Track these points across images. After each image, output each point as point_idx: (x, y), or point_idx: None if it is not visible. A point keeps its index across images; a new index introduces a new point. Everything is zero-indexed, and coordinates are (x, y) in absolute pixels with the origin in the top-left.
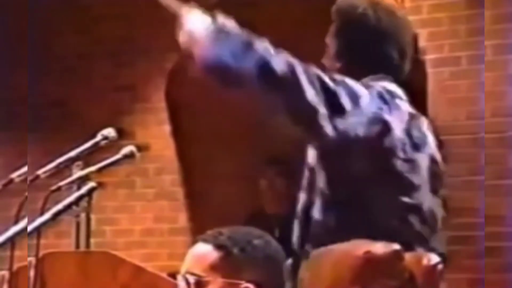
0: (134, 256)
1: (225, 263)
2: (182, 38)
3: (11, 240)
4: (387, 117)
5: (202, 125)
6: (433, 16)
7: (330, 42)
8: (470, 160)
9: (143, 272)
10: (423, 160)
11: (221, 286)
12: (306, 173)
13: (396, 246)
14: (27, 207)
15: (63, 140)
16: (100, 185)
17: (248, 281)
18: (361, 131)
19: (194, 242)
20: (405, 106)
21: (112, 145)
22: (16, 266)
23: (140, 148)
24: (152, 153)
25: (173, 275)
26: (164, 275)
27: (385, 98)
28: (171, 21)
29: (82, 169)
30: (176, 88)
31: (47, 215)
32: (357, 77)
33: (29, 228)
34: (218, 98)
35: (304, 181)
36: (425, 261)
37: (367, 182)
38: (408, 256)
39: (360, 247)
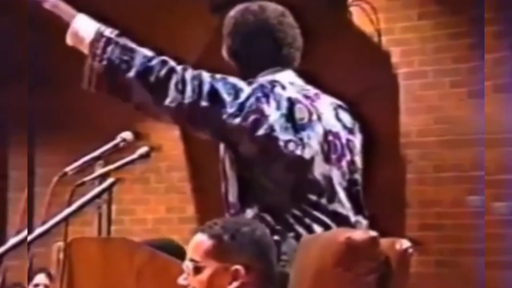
0: None
1: (218, 250)
2: (68, 36)
3: (66, 219)
4: (264, 106)
5: None
6: (404, 37)
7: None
8: (438, 159)
9: (157, 256)
10: (313, 137)
11: (215, 269)
12: (220, 164)
13: (373, 233)
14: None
15: (89, 142)
16: (119, 180)
17: (238, 264)
18: (237, 120)
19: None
20: (288, 93)
21: (129, 146)
22: (69, 238)
23: (153, 149)
24: (164, 153)
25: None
26: (174, 259)
27: (265, 90)
28: (178, 37)
29: (104, 167)
30: None
31: (73, 206)
32: (249, 74)
33: (59, 218)
34: None
35: (220, 171)
36: (398, 246)
37: (256, 163)
38: (383, 241)
39: (342, 234)
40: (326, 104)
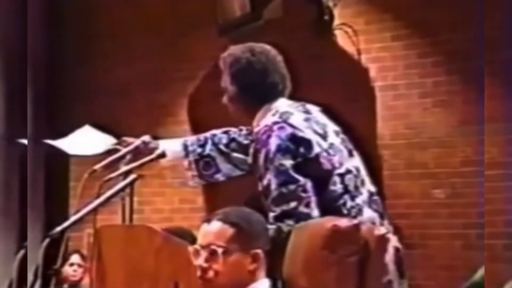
0: None
1: (240, 236)
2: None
3: (95, 209)
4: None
5: None
6: (379, 55)
7: (227, 87)
8: (407, 158)
9: (171, 240)
10: (334, 139)
11: (239, 253)
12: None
13: (355, 221)
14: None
15: None
16: (140, 176)
17: (255, 248)
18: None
19: (207, 218)
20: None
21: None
22: (98, 225)
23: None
24: None
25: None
26: (185, 242)
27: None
28: (192, 56)
29: (127, 164)
30: (195, 106)
31: (102, 198)
32: (255, 107)
33: (89, 208)
34: (226, 114)
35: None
36: (376, 232)
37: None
38: (364, 227)
39: (329, 221)
40: (320, 114)
